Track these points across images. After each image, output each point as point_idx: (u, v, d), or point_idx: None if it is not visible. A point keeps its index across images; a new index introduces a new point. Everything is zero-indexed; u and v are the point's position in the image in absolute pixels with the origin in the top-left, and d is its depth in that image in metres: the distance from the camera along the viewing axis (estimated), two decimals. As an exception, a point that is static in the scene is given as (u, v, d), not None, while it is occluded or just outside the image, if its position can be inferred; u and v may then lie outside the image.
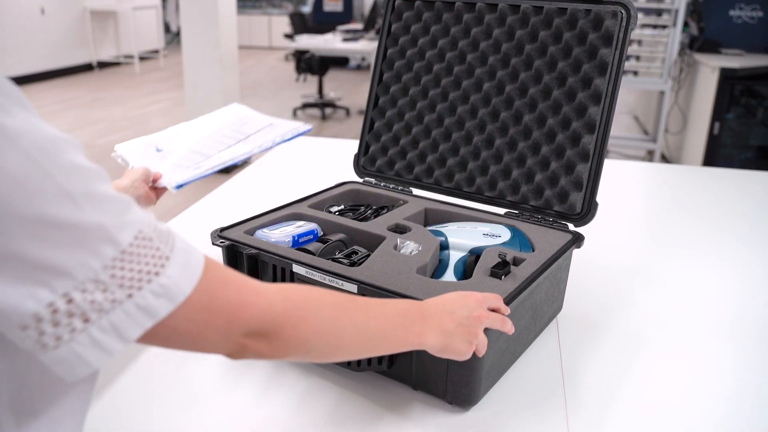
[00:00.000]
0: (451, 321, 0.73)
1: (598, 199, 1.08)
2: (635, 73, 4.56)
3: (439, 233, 1.06)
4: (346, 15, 9.09)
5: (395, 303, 0.71)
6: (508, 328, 0.79)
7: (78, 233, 0.44)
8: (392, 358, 0.88)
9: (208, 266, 0.52)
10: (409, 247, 1.00)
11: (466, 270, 1.00)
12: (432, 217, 1.19)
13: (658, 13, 4.38)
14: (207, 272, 0.52)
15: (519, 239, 1.05)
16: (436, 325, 0.72)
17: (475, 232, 1.05)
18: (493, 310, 0.79)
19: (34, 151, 0.43)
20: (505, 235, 1.05)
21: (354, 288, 0.88)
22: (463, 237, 1.04)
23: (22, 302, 0.43)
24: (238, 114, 1.24)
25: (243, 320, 0.54)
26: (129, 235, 0.47)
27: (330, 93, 7.36)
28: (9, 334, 0.46)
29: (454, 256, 1.01)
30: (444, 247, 1.03)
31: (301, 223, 1.10)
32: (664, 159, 5.01)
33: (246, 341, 0.55)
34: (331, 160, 1.99)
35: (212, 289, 0.52)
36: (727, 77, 3.99)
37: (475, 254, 1.01)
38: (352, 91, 8.03)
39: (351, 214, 1.19)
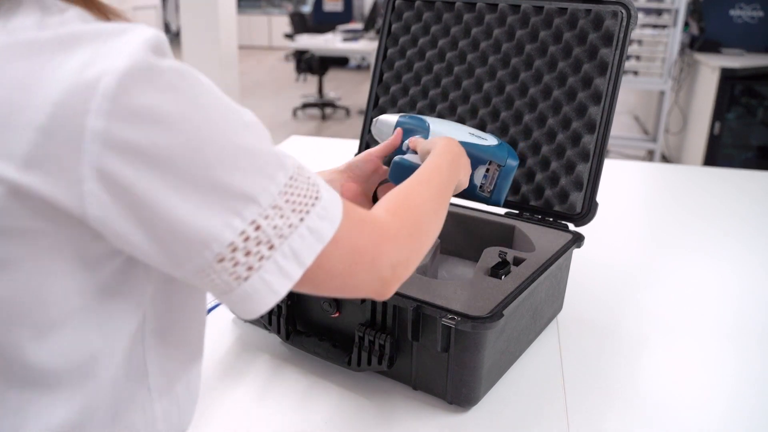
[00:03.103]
0: (465, 161, 0.86)
1: (598, 199, 1.08)
2: (635, 73, 4.55)
3: (421, 121, 0.94)
4: (346, 15, 9.09)
5: (443, 160, 0.78)
6: None
7: (260, 160, 0.48)
8: (392, 358, 0.88)
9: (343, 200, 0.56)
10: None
11: None
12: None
13: (659, 13, 4.38)
14: (344, 204, 0.55)
15: (506, 148, 0.96)
16: (462, 165, 0.83)
17: (461, 129, 0.96)
18: None
19: (218, 93, 0.48)
20: (491, 140, 0.97)
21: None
22: (447, 129, 0.94)
23: (221, 233, 0.46)
24: None
25: (385, 255, 0.57)
26: (291, 162, 0.51)
27: (330, 93, 7.36)
28: (197, 277, 0.48)
29: None
30: (425, 137, 0.93)
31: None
32: (664, 159, 5.01)
33: (391, 273, 0.58)
34: (331, 160, 1.98)
35: (354, 227, 0.54)
36: (727, 77, 3.99)
37: None
38: (352, 91, 8.03)
39: (351, 214, 1.19)
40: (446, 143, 0.83)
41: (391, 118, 0.96)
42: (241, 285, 0.48)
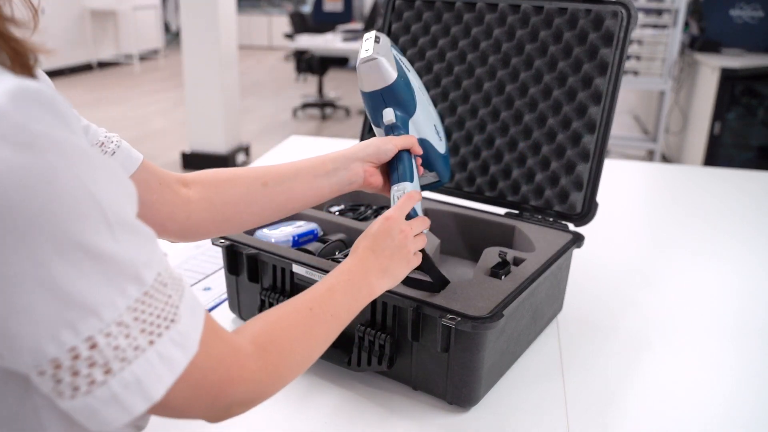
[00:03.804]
0: (385, 258, 0.73)
1: (598, 199, 1.08)
2: (635, 73, 4.55)
3: (411, 97, 0.87)
4: (346, 15, 9.08)
5: (338, 281, 0.68)
6: (427, 224, 0.81)
7: (110, 267, 0.40)
8: (392, 358, 0.88)
9: (207, 322, 0.49)
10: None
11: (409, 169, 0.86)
12: (431, 217, 1.19)
13: (659, 12, 4.37)
14: (205, 329, 0.48)
15: (448, 162, 0.96)
16: (377, 273, 0.72)
17: (429, 119, 0.92)
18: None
19: (84, 173, 0.40)
20: (444, 142, 0.95)
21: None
22: (424, 117, 0.90)
23: (43, 345, 0.39)
24: None
25: (229, 396, 0.51)
26: (151, 276, 0.44)
27: (330, 93, 7.36)
28: (27, 373, 0.42)
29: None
30: (410, 111, 0.87)
31: (301, 223, 1.09)
32: (665, 159, 5.01)
33: (227, 413, 0.52)
34: (331, 160, 1.98)
35: (208, 361, 0.48)
36: (727, 77, 3.99)
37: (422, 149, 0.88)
38: (352, 91, 8.03)
39: (351, 213, 1.19)
40: (371, 245, 0.73)
41: (388, 74, 0.83)
42: (65, 402, 0.41)
